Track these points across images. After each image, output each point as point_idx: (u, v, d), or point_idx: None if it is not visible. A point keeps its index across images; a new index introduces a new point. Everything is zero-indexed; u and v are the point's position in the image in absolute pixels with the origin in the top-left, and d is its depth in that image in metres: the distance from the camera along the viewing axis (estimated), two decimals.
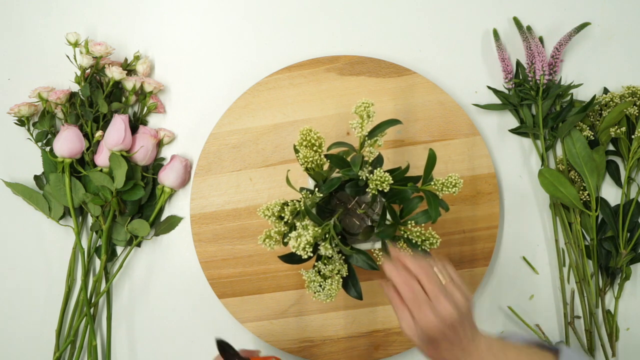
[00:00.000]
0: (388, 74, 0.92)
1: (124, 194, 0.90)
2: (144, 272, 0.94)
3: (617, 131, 0.85)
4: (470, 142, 0.89)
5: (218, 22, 0.98)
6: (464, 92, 0.93)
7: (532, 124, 0.89)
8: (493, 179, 0.89)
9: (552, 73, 0.90)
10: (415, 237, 0.70)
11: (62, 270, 0.94)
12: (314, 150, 0.70)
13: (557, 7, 0.94)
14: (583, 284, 0.87)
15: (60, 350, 0.90)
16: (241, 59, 0.97)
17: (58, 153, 0.89)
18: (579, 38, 0.92)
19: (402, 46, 0.95)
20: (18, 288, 0.95)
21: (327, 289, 0.69)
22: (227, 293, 0.90)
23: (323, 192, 0.71)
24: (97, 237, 0.94)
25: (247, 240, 0.90)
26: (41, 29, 0.99)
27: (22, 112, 0.92)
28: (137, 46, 0.97)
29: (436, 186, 0.70)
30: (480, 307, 0.90)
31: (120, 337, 0.93)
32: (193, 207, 0.91)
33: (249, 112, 0.92)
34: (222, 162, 0.92)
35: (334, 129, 0.91)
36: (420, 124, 0.90)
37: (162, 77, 0.97)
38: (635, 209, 0.87)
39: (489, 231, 0.88)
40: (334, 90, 0.92)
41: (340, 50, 0.95)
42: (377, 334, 0.88)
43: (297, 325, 0.89)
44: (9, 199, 0.95)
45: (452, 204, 0.87)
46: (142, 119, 0.95)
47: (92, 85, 0.92)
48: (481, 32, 0.94)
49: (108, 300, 0.93)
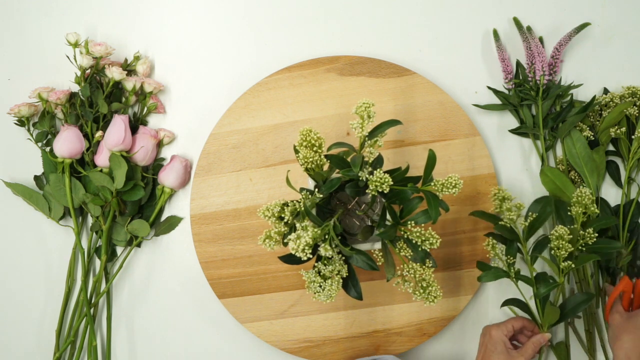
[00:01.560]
0: (388, 74, 0.92)
1: (124, 194, 0.90)
2: (144, 272, 0.94)
3: (617, 131, 0.85)
4: (470, 143, 0.89)
5: (218, 22, 0.98)
6: (464, 92, 0.93)
7: (532, 124, 0.89)
8: (493, 179, 0.89)
9: (552, 73, 0.90)
10: (415, 238, 0.70)
11: (62, 271, 0.94)
12: (314, 151, 0.70)
13: (557, 7, 0.94)
14: (583, 284, 0.87)
15: (61, 351, 0.90)
16: (241, 59, 0.97)
17: (58, 153, 0.89)
18: (579, 38, 0.92)
19: (402, 46, 0.95)
20: (18, 288, 0.95)
21: (327, 290, 0.69)
22: (227, 293, 0.90)
23: (323, 193, 0.71)
24: (97, 237, 0.94)
25: (247, 240, 0.90)
26: (41, 29, 0.99)
27: (22, 113, 0.91)
28: (137, 46, 0.97)
29: (436, 187, 0.70)
30: (480, 307, 0.90)
31: (120, 337, 0.93)
32: (193, 208, 0.91)
33: (249, 112, 0.92)
34: (222, 163, 0.92)
35: (334, 130, 0.91)
36: (420, 124, 0.90)
37: (162, 77, 0.97)
38: (636, 209, 0.87)
39: (489, 231, 0.88)
40: (334, 90, 0.92)
41: (340, 50, 0.95)
42: (377, 334, 0.88)
43: (297, 325, 0.89)
44: (9, 199, 0.95)
45: (452, 204, 0.87)
46: (142, 119, 0.95)
47: (92, 85, 0.92)
48: (481, 32, 0.94)
49: (108, 301, 0.93)
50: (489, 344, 0.79)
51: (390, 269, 0.72)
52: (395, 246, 0.73)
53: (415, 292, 0.72)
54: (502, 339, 0.79)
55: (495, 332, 0.79)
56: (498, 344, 0.78)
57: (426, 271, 0.72)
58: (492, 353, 0.78)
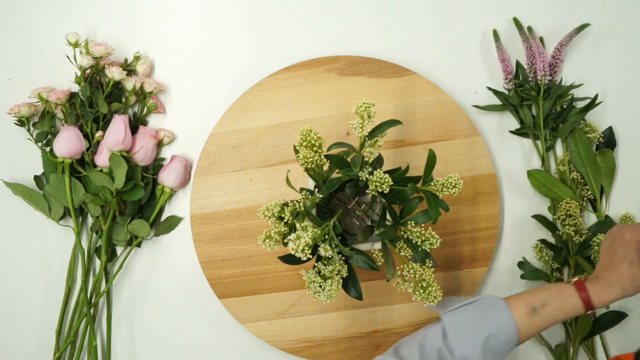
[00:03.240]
0: (388, 75, 0.92)
1: (124, 194, 0.90)
2: (144, 272, 0.94)
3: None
4: (470, 143, 0.89)
5: (218, 22, 0.98)
6: (464, 93, 0.93)
7: (532, 125, 0.89)
8: (493, 180, 0.89)
9: (553, 73, 0.90)
10: (415, 238, 0.70)
11: (62, 271, 0.94)
12: (314, 151, 0.70)
13: (556, 7, 0.94)
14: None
15: (61, 351, 0.90)
16: (241, 59, 0.97)
17: (58, 153, 0.89)
18: (579, 38, 0.92)
19: (402, 46, 0.95)
20: (18, 288, 0.95)
21: (327, 290, 0.69)
22: (227, 293, 0.90)
23: (323, 193, 0.71)
24: (97, 237, 0.94)
25: (247, 240, 0.90)
26: (41, 29, 0.99)
27: (22, 113, 0.91)
28: (137, 46, 0.97)
29: (436, 187, 0.70)
30: None
31: (120, 337, 0.93)
32: (193, 208, 0.91)
33: (249, 112, 0.92)
34: (222, 163, 0.92)
35: (334, 130, 0.91)
36: (420, 124, 0.90)
37: (162, 77, 0.97)
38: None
39: (489, 231, 0.88)
40: (334, 90, 0.92)
41: (340, 50, 0.95)
42: (378, 334, 0.88)
43: (297, 325, 0.89)
44: (9, 199, 0.95)
45: (452, 204, 0.87)
46: (142, 119, 0.95)
47: (92, 85, 0.92)
48: (481, 33, 0.94)
49: (108, 301, 0.93)
50: (619, 249, 0.67)
51: (390, 269, 0.72)
52: (395, 246, 0.73)
53: (415, 292, 0.72)
54: (637, 246, 0.66)
55: (629, 235, 0.67)
56: (631, 251, 0.66)
57: (426, 271, 0.72)
58: (621, 259, 0.66)
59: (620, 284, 0.66)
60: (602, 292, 0.67)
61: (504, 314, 0.67)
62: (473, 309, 0.69)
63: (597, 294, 0.67)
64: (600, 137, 0.89)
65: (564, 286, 0.69)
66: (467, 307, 0.70)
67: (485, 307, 0.69)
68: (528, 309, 0.67)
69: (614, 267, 0.67)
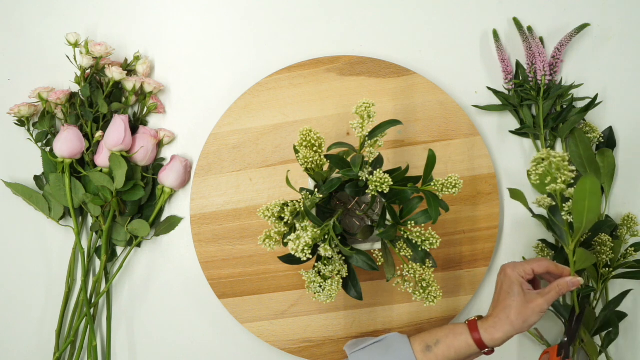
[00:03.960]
0: (388, 74, 0.92)
1: (124, 195, 0.90)
2: (144, 272, 0.94)
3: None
4: (470, 143, 0.89)
5: (218, 22, 0.98)
6: (464, 93, 0.93)
7: (533, 125, 0.89)
8: (493, 180, 0.89)
9: (553, 73, 0.90)
10: (415, 238, 0.70)
11: (62, 271, 0.94)
12: (314, 151, 0.70)
13: (556, 7, 0.94)
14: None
15: (61, 351, 0.90)
16: (241, 59, 0.97)
17: (58, 153, 0.89)
18: (579, 38, 0.92)
19: (402, 46, 0.95)
20: (18, 288, 0.95)
21: (327, 290, 0.69)
22: (227, 293, 0.90)
23: (323, 193, 0.71)
24: (97, 237, 0.94)
25: (247, 240, 0.90)
26: (41, 29, 0.99)
27: (22, 113, 0.91)
28: (137, 46, 0.97)
29: (436, 187, 0.70)
30: (480, 307, 0.90)
31: (120, 337, 0.93)
32: (193, 208, 0.91)
33: (249, 112, 0.92)
34: (222, 163, 0.92)
35: (334, 129, 0.91)
36: (420, 124, 0.91)
37: (162, 77, 0.97)
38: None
39: (489, 231, 0.88)
40: (333, 90, 0.92)
41: (340, 50, 0.95)
42: (378, 334, 0.88)
43: (297, 325, 0.89)
44: (9, 199, 0.95)
45: (452, 204, 0.87)
46: (142, 119, 0.95)
47: (92, 85, 0.92)
48: (481, 33, 0.94)
49: (108, 301, 0.93)
50: (504, 284, 0.71)
51: (390, 269, 0.72)
52: (395, 246, 0.73)
53: (415, 292, 0.72)
54: (519, 280, 0.70)
55: (511, 270, 0.71)
56: (514, 285, 0.70)
57: (426, 271, 0.72)
58: (507, 295, 0.70)
59: (507, 320, 0.69)
60: (492, 329, 0.70)
61: (405, 351, 0.72)
62: (378, 347, 0.74)
63: (486, 332, 0.70)
64: (600, 137, 0.89)
65: (457, 325, 0.72)
66: (372, 347, 0.74)
67: (389, 345, 0.73)
68: (423, 347, 0.71)
69: (501, 304, 0.71)
